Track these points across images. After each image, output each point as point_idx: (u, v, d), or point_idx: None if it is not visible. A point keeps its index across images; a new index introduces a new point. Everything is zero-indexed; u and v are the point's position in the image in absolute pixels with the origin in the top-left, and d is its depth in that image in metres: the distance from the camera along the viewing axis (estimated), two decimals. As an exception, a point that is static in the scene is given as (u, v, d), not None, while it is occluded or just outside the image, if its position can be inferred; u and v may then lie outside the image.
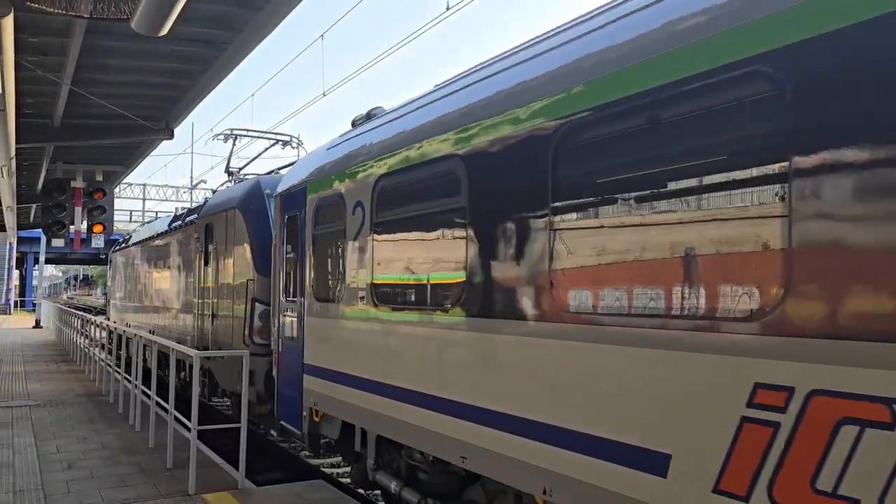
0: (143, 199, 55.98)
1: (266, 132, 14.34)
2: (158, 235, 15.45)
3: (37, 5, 7.81)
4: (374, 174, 6.10)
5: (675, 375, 3.37)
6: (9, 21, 7.33)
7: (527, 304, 4.35)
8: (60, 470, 7.61)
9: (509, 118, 4.60)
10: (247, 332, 9.79)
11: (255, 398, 9.16)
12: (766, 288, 3.03)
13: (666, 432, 3.40)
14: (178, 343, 9.49)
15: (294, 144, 13.95)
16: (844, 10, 2.78)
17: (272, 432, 10.80)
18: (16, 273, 63.67)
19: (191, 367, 9.14)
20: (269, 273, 8.93)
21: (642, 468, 3.51)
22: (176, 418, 7.85)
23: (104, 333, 16.12)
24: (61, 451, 8.46)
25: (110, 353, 13.64)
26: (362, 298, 6.24)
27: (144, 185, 55.91)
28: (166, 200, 55.24)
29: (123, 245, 20.69)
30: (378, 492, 8.74)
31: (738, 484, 3.04)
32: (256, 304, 9.75)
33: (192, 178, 51.58)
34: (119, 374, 11.66)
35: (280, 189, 8.45)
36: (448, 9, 9.49)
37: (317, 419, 7.18)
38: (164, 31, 7.61)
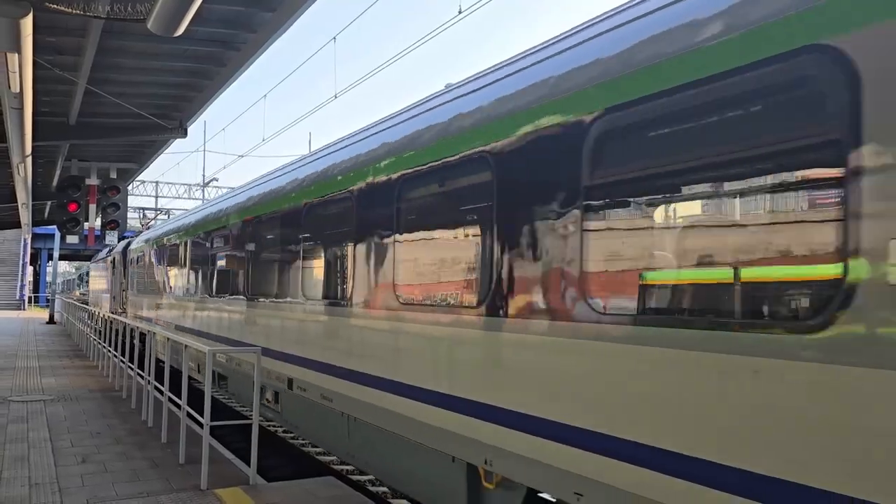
0: (156, 197, 56.32)
1: (163, 211, 32.82)
2: (103, 258, 29.22)
3: (55, 6, 7.92)
4: (135, 250, 20.15)
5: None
6: (27, 21, 7.41)
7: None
8: (75, 464, 7.72)
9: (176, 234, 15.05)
10: (121, 306, 22.28)
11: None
12: None
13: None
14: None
15: (169, 216, 26.45)
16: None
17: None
18: (30, 269, 64.26)
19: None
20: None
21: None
22: (188, 414, 7.94)
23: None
24: (75, 446, 8.58)
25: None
26: (134, 288, 20.00)
27: (157, 182, 56.26)
28: (179, 198, 55.50)
29: (92, 261, 36.59)
30: (387, 489, 8.95)
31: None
32: (124, 292, 22.18)
33: (203, 175, 51.88)
34: (132, 369, 11.79)
35: (130, 248, 21.08)
36: (461, 12, 9.53)
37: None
38: (180, 31, 7.67)
